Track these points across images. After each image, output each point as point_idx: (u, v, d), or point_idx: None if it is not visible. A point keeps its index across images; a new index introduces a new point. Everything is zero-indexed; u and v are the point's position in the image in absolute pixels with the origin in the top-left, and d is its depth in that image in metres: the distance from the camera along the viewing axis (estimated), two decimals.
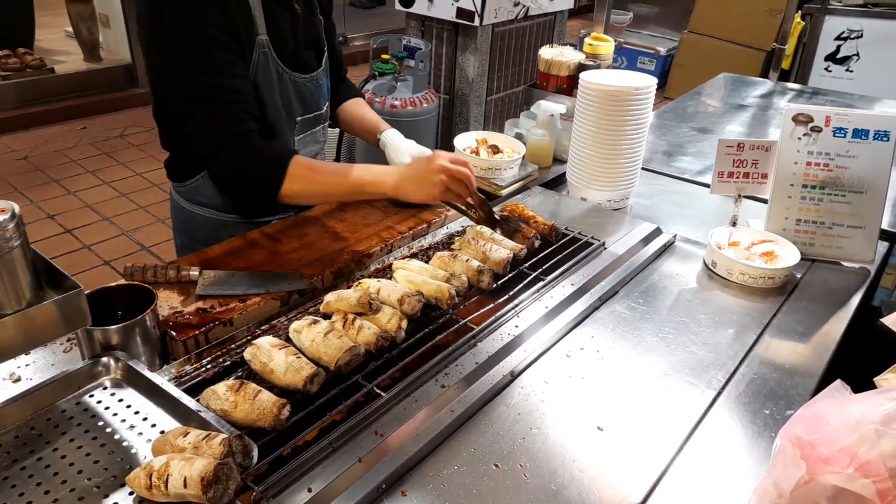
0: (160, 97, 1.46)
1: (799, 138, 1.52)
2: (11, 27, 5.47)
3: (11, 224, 0.81)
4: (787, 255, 1.46)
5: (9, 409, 0.93)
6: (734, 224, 1.58)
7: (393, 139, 1.68)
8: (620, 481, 0.95)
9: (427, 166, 1.36)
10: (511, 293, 1.30)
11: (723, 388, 1.14)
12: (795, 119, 1.52)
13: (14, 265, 0.82)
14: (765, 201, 1.61)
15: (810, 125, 1.51)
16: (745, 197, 1.61)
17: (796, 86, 3.25)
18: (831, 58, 4.88)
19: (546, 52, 1.98)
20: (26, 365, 1.10)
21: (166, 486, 0.76)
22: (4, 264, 0.82)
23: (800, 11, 4.52)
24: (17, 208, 0.84)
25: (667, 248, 1.57)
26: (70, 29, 5.85)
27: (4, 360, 0.89)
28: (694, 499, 0.94)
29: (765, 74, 3.77)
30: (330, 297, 1.17)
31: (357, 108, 1.79)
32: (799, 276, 1.49)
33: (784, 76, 4.54)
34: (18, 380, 1.07)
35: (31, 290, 0.86)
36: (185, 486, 0.75)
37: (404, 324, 1.14)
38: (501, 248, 1.36)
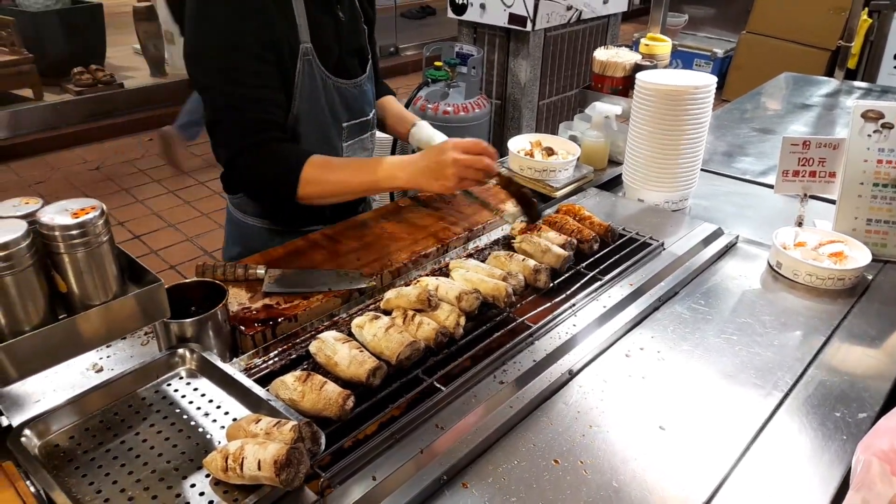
0: None
1: (869, 135, 1.47)
2: (84, 45, 5.80)
3: (101, 221, 0.87)
4: (858, 256, 1.41)
5: (94, 396, 0.99)
6: (800, 224, 1.53)
7: (420, 129, 1.71)
8: (684, 481, 0.93)
9: (437, 158, 1.37)
10: (568, 293, 1.30)
11: (790, 390, 1.11)
12: (865, 116, 1.47)
13: (103, 259, 0.88)
14: (831, 202, 1.56)
15: (881, 122, 1.46)
16: (810, 197, 1.56)
17: (864, 84, 3.12)
18: None
19: (601, 54, 1.98)
20: (108, 357, 1.17)
21: (241, 469, 0.79)
22: (94, 258, 0.88)
23: (867, 8, 4.34)
24: (104, 207, 0.90)
25: (729, 248, 1.54)
26: (138, 46, 6.17)
27: (90, 349, 0.95)
28: (760, 499, 0.91)
29: (829, 75, 3.63)
30: (390, 294, 1.20)
31: (389, 104, 1.81)
32: (870, 277, 1.43)
33: (850, 76, 4.36)
34: (101, 370, 1.13)
35: (117, 284, 0.92)
36: (259, 468, 0.78)
37: (462, 321, 1.16)
38: (559, 246, 1.37)
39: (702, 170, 1.79)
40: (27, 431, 0.91)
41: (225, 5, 1.32)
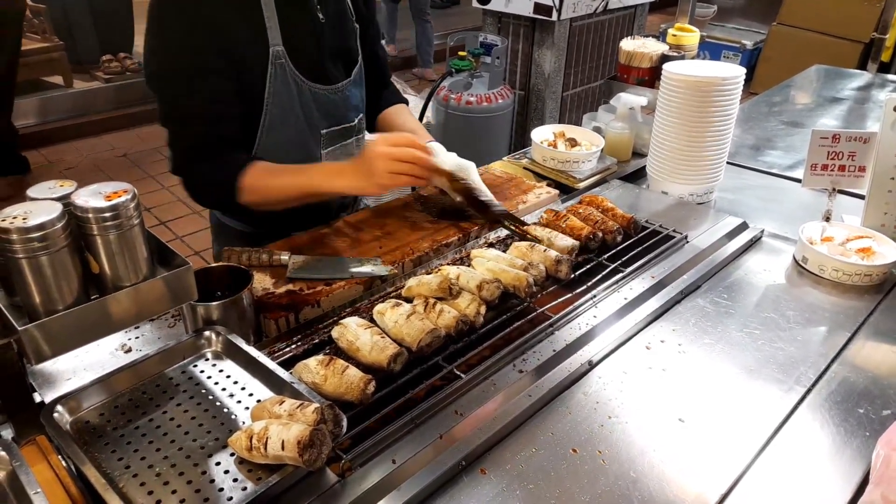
0: None
1: None
2: (113, 34, 5.89)
3: (132, 204, 0.89)
4: (886, 252, 1.38)
5: (123, 376, 1.02)
6: (828, 219, 1.51)
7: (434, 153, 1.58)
8: (702, 474, 0.93)
9: (364, 158, 1.31)
10: (589, 284, 1.30)
11: (813, 385, 1.10)
12: None
13: (134, 241, 0.90)
14: (860, 197, 1.53)
15: None
16: (839, 192, 1.53)
17: None
18: None
19: (627, 44, 1.96)
20: (136, 338, 1.20)
21: (265, 449, 0.81)
22: (125, 241, 0.90)
23: None
24: (136, 190, 0.92)
25: (753, 243, 1.52)
26: None
27: (121, 329, 0.97)
28: (779, 495, 0.91)
29: (862, 68, 3.54)
30: (412, 282, 1.21)
31: (398, 117, 1.69)
32: None
33: (884, 69, 4.25)
34: (129, 350, 1.16)
35: (147, 266, 0.94)
36: (282, 448, 0.80)
37: (483, 309, 1.17)
38: (567, 237, 1.37)
39: (728, 163, 1.77)
40: (59, 408, 0.94)
41: (178, 16, 1.28)
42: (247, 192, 1.35)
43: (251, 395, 0.98)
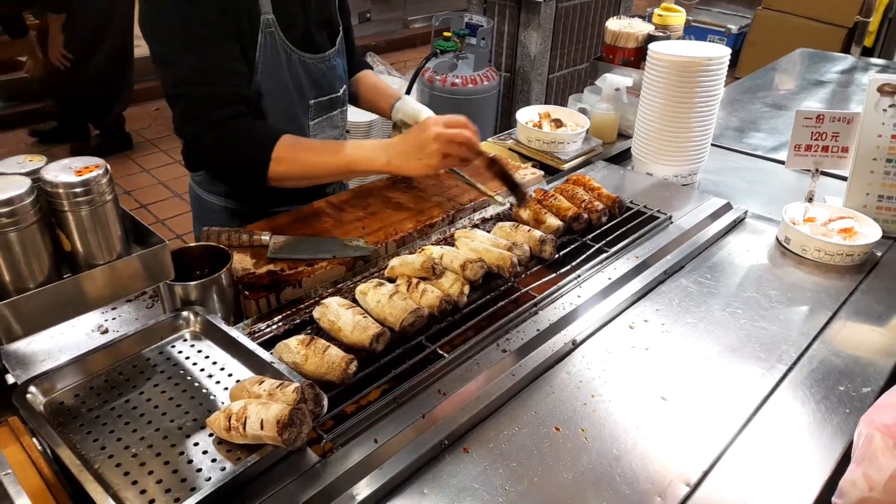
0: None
1: (884, 110, 1.44)
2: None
3: (104, 179, 0.86)
4: (868, 232, 1.39)
5: (99, 356, 0.99)
6: (810, 200, 1.51)
7: (406, 103, 1.60)
8: (685, 451, 0.94)
9: (419, 136, 1.30)
10: (573, 264, 1.29)
11: (794, 363, 1.10)
12: (881, 90, 1.44)
13: (106, 218, 0.88)
14: (843, 178, 1.54)
15: None
16: (822, 173, 1.54)
17: (881, 61, 3.06)
18: None
19: (613, 24, 1.94)
20: (113, 319, 1.17)
21: (244, 428, 0.80)
22: (97, 217, 0.87)
23: None
24: (108, 166, 0.90)
25: (737, 223, 1.52)
26: None
27: (95, 308, 0.95)
28: (761, 469, 0.92)
29: (845, 52, 3.55)
30: (394, 262, 1.19)
31: (369, 78, 1.72)
32: (879, 254, 1.42)
33: (867, 53, 4.27)
34: (106, 331, 1.14)
35: (121, 244, 0.91)
36: (261, 427, 0.79)
37: (466, 289, 1.16)
38: (555, 217, 1.36)
39: (712, 145, 1.76)
40: (32, 388, 0.92)
41: None
42: (278, 162, 1.30)
43: (230, 375, 0.97)
